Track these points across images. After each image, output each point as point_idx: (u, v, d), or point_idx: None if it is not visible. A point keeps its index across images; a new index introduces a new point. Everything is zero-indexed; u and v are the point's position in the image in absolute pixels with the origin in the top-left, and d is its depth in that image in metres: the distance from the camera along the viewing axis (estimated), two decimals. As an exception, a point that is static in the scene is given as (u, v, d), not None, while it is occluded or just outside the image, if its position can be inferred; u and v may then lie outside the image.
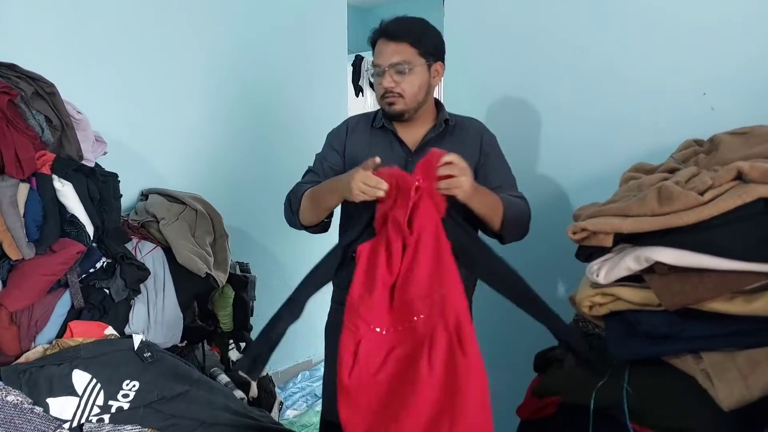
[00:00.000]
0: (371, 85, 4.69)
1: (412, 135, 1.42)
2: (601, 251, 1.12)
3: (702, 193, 0.96)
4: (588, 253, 1.15)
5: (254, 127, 2.43)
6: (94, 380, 1.26)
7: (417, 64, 1.32)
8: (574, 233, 1.12)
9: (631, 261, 1.04)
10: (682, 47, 1.47)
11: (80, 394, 1.24)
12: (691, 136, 1.30)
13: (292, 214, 1.41)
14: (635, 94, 1.57)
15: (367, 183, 1.12)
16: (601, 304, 1.12)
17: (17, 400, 1.18)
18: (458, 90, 2.06)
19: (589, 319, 1.19)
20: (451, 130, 1.43)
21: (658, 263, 1.00)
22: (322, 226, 1.43)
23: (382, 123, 1.43)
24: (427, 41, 1.34)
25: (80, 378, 1.26)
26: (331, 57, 2.74)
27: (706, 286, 0.93)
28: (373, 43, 1.39)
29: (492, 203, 1.28)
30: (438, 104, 1.47)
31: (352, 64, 4.55)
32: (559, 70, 1.74)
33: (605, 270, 1.09)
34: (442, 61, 1.39)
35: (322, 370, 2.72)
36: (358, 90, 4.69)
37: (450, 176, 1.11)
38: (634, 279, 1.07)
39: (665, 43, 1.50)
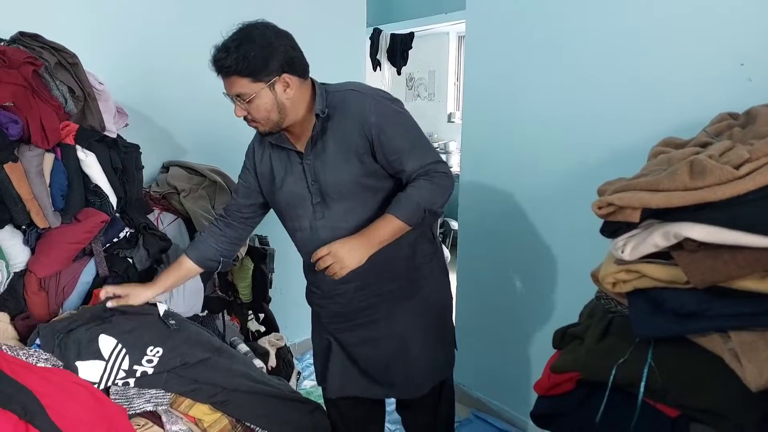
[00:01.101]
0: (389, 59, 4.64)
1: (301, 138, 1.38)
2: (627, 227, 1.09)
3: (737, 167, 0.92)
4: (613, 228, 1.12)
5: (274, 100, 2.42)
6: (120, 345, 1.30)
7: (254, 91, 1.25)
8: (600, 208, 1.09)
9: (659, 237, 1.00)
10: (719, 14, 1.40)
11: (106, 358, 1.27)
12: (726, 109, 1.24)
13: None
14: (667, 64, 1.50)
15: None
16: (625, 281, 1.09)
17: (47, 365, 1.22)
18: (481, 58, 2.01)
19: (612, 296, 1.17)
20: (330, 118, 1.34)
21: (687, 240, 0.96)
22: None
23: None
24: (256, 66, 1.23)
25: (106, 343, 1.29)
26: (349, 31, 2.69)
27: (738, 263, 0.90)
28: None
29: (393, 231, 1.30)
30: (315, 93, 1.36)
31: (370, 38, 4.48)
32: (586, 40, 1.68)
33: (631, 246, 1.06)
34: (290, 69, 1.27)
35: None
36: (376, 64, 4.62)
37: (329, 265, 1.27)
38: (660, 256, 1.04)
39: (701, 10, 1.43)
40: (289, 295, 2.52)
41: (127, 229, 1.59)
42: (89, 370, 1.25)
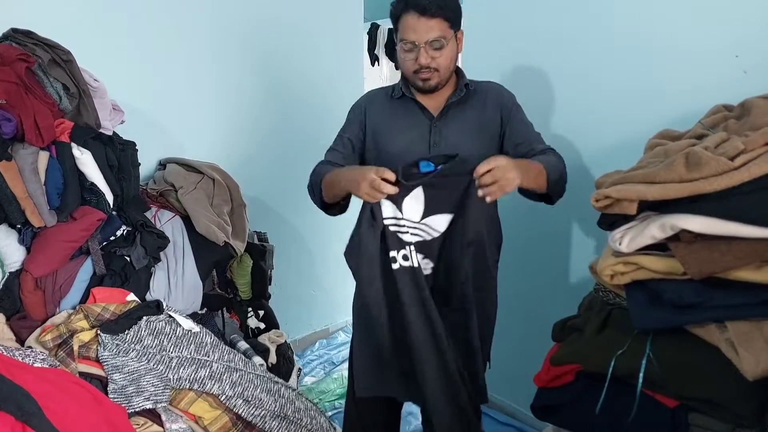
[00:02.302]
0: (387, 54, 4.62)
1: (433, 101, 1.42)
2: (624, 219, 1.09)
3: (733, 159, 0.93)
4: (611, 221, 1.13)
5: (270, 97, 2.41)
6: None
7: (449, 38, 1.32)
8: (597, 201, 1.10)
9: (656, 229, 1.01)
10: (714, 7, 1.40)
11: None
12: (721, 101, 1.25)
13: (314, 196, 1.46)
14: (662, 57, 1.51)
15: (375, 188, 1.20)
16: (622, 273, 1.10)
17: (44, 365, 1.21)
18: (480, 55, 2.00)
19: (610, 288, 1.18)
20: (472, 94, 1.43)
21: (683, 231, 0.97)
22: (338, 208, 1.47)
23: (402, 93, 1.44)
24: (455, 12, 1.33)
25: None
26: (347, 26, 2.68)
27: (734, 254, 0.91)
28: (398, 16, 1.33)
29: (536, 174, 1.26)
30: (457, 69, 1.46)
31: (368, 33, 4.46)
32: (583, 33, 1.68)
33: (628, 238, 1.07)
34: (461, 26, 1.38)
35: (339, 338, 2.78)
36: (374, 59, 4.60)
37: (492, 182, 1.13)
38: (657, 248, 1.05)
39: (697, 3, 1.43)
40: (289, 292, 2.52)
41: (124, 227, 1.58)
42: None
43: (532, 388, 1.33)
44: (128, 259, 1.56)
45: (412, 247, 1.31)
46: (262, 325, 1.97)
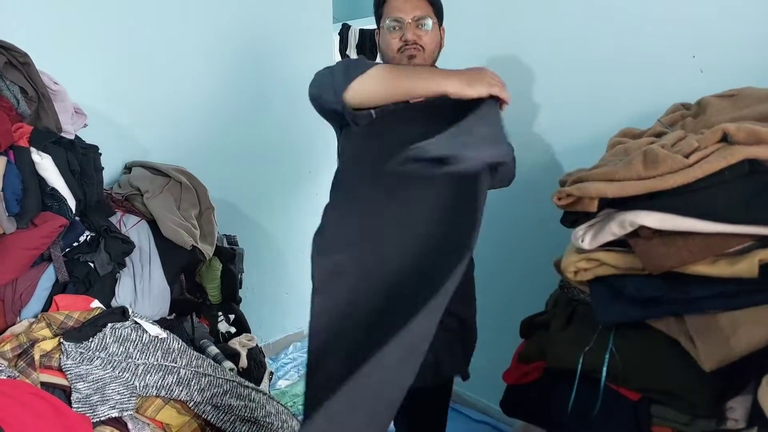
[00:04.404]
0: (359, 54, 4.61)
1: None
2: (587, 216, 1.11)
3: (687, 156, 0.95)
4: (573, 218, 1.15)
5: (238, 98, 2.38)
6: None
7: (434, 23, 1.35)
8: (560, 199, 1.11)
9: (616, 226, 1.03)
10: (672, 9, 1.44)
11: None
12: (679, 100, 1.29)
13: (346, 78, 1.18)
14: (622, 57, 1.54)
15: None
16: (586, 270, 1.12)
17: (1, 377, 1.18)
18: (445, 53, 2.02)
19: (574, 284, 1.20)
20: None
21: (642, 227, 0.99)
22: (353, 116, 1.22)
23: None
24: (439, 4, 1.37)
25: None
26: (316, 26, 2.67)
27: (690, 249, 0.93)
28: (383, 1, 1.35)
29: None
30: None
31: (339, 33, 4.45)
32: (544, 34, 1.71)
33: (590, 235, 1.09)
34: (442, 22, 1.40)
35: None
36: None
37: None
38: (619, 244, 1.07)
39: (654, 5, 1.47)
40: (262, 295, 2.50)
41: (87, 233, 1.54)
42: None
43: (501, 384, 1.34)
44: (92, 265, 1.53)
45: None
46: (233, 330, 1.94)
